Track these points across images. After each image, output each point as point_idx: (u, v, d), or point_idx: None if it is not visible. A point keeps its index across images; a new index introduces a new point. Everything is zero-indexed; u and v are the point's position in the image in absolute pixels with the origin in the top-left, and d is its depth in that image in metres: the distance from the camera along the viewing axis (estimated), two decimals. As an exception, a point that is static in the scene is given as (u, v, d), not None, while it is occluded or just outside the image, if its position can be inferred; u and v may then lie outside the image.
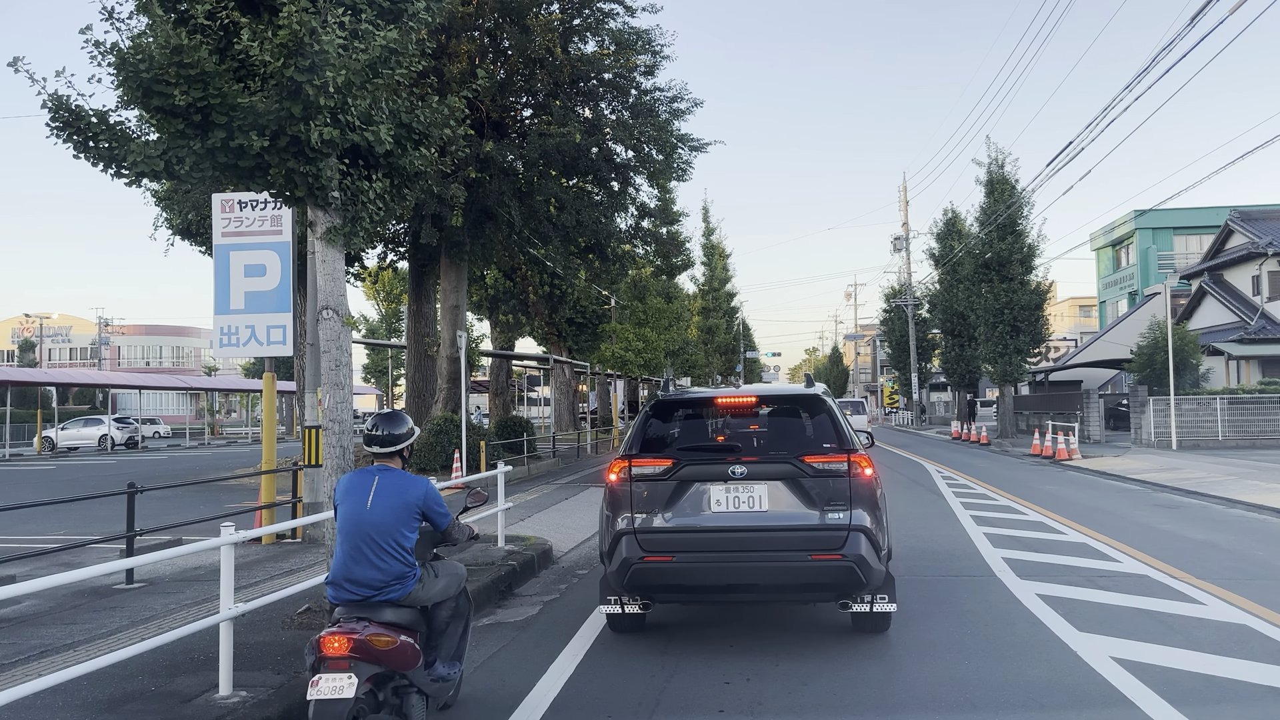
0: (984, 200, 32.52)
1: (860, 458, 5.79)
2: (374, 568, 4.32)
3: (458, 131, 7.11)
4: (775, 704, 4.98)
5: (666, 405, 6.43)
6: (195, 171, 6.14)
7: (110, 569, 4.56)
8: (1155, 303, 36.31)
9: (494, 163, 18.67)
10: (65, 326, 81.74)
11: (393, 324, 54.16)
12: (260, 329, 10.82)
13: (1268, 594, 7.30)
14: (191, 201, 18.42)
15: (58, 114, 5.91)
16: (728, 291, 67.62)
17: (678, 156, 21.25)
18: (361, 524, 4.36)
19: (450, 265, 21.71)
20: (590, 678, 5.58)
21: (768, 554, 5.67)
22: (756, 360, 79.72)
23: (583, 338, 35.96)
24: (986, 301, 31.62)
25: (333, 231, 6.60)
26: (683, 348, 47.86)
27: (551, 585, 8.61)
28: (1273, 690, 5.03)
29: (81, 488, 19.60)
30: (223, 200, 10.83)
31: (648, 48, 20.50)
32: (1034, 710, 4.81)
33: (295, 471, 11.49)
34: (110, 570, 4.58)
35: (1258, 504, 12.99)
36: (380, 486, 4.46)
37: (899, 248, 51.51)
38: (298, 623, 6.49)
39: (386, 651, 4.04)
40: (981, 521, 11.81)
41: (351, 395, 6.97)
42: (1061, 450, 22.55)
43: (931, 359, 51.21)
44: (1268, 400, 25.82)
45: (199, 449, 39.88)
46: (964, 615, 6.83)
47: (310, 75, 5.78)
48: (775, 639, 6.29)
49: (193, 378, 64.96)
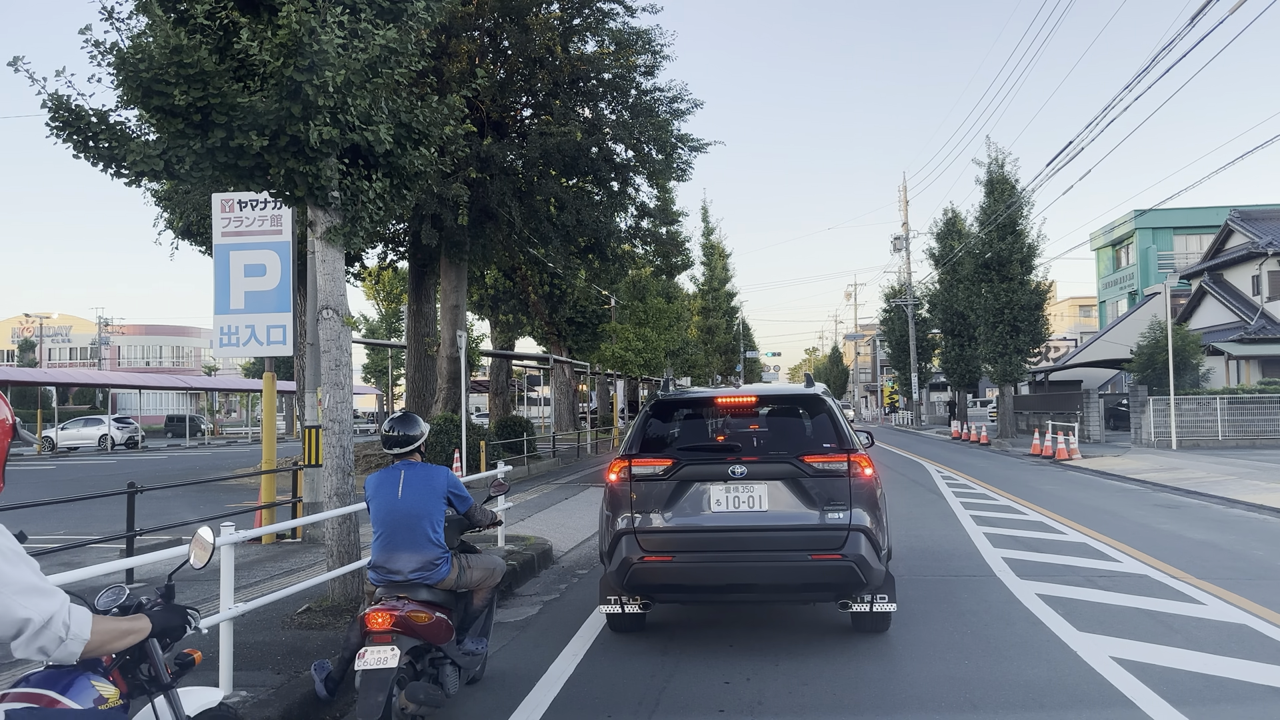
0: (984, 200, 32.51)
1: (860, 458, 5.78)
2: (410, 550, 4.71)
3: (458, 130, 7.11)
4: (775, 704, 4.97)
5: (666, 405, 6.44)
6: (195, 171, 6.14)
7: (110, 569, 4.56)
8: (1155, 303, 36.30)
9: (494, 162, 18.67)
10: (65, 326, 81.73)
11: (393, 324, 54.15)
12: (260, 329, 10.82)
13: (1268, 594, 7.30)
14: (192, 202, 18.42)
15: (58, 114, 5.92)
16: (728, 291, 67.60)
17: (678, 156, 21.25)
18: (395, 512, 4.78)
19: (450, 265, 21.71)
20: (590, 677, 5.58)
21: (767, 554, 5.66)
22: (756, 360, 79.71)
23: (583, 338, 35.96)
24: (986, 301, 31.62)
25: (333, 231, 6.60)
26: (683, 348, 47.85)
27: (551, 585, 8.61)
28: (1273, 690, 5.03)
29: (81, 488, 19.60)
30: (223, 200, 10.83)
31: (648, 48, 20.51)
32: (1034, 710, 4.81)
33: (295, 471, 11.48)
34: (110, 570, 4.57)
35: (1258, 504, 12.99)
36: (408, 478, 4.88)
37: (899, 248, 51.53)
38: (298, 622, 6.49)
39: (424, 626, 4.45)
40: (981, 521, 11.80)
41: (351, 395, 6.97)
42: (1061, 450, 22.55)
43: (931, 359, 51.21)
44: (1268, 400, 25.82)
45: (199, 449, 39.88)
46: (964, 615, 6.83)
47: (310, 75, 5.78)
48: (775, 639, 6.29)
49: (193, 378, 64.98)
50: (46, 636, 2.16)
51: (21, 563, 2.17)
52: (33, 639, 2.15)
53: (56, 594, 2.22)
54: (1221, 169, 23.08)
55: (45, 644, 2.17)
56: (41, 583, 2.19)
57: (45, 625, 2.15)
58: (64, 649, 2.20)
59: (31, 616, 2.13)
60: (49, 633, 2.16)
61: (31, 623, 2.14)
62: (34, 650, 2.17)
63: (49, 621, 2.16)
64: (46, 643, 2.16)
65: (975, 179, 34.20)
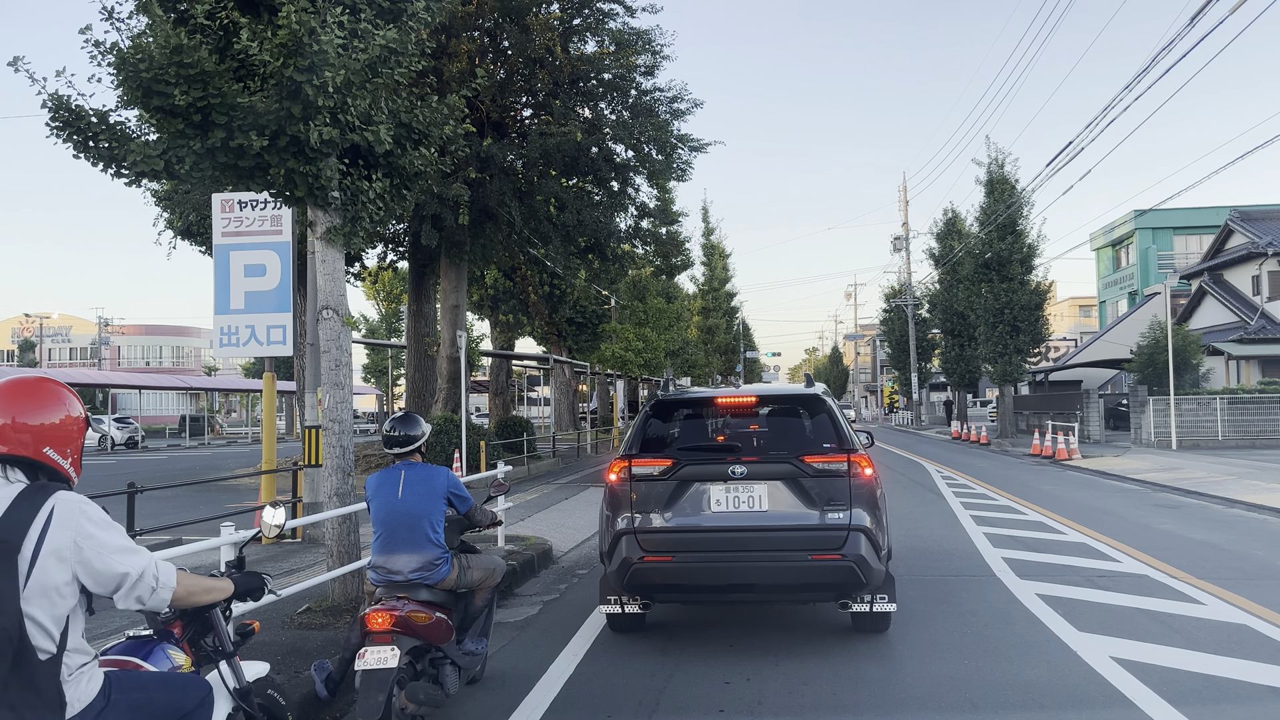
0: (984, 200, 32.50)
1: (860, 457, 5.78)
2: (410, 550, 4.73)
3: (458, 130, 7.11)
4: (775, 704, 4.97)
5: (666, 405, 6.44)
6: (195, 171, 6.14)
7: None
8: (1155, 303, 36.30)
9: (494, 162, 18.67)
10: (65, 326, 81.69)
11: (393, 324, 54.15)
12: (260, 329, 10.82)
13: (1268, 594, 7.30)
14: (192, 202, 18.42)
15: (58, 114, 5.91)
16: (728, 291, 67.58)
17: (678, 156, 21.25)
18: (395, 512, 4.79)
19: (450, 265, 21.71)
20: (590, 678, 5.58)
21: (767, 554, 5.66)
22: (756, 360, 79.70)
23: (583, 338, 35.95)
24: (986, 301, 31.61)
25: (333, 231, 6.60)
26: (683, 348, 47.84)
27: (551, 585, 8.61)
28: (1273, 690, 5.03)
29: (81, 487, 19.39)
30: (223, 200, 10.83)
31: (647, 48, 20.50)
32: (1034, 710, 4.81)
33: (295, 471, 11.49)
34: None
35: (1258, 504, 12.99)
36: (408, 478, 4.89)
37: (899, 248, 51.52)
38: (298, 622, 6.49)
39: (424, 626, 4.46)
40: (981, 521, 11.80)
41: (351, 395, 6.97)
42: (1061, 450, 22.55)
43: (931, 359, 51.20)
44: (1268, 400, 25.82)
45: (199, 449, 39.88)
46: (964, 615, 6.83)
47: (310, 75, 5.77)
48: (775, 639, 6.29)
49: (193, 378, 64.95)
50: (141, 587, 2.55)
51: (111, 528, 2.52)
52: (130, 590, 2.53)
53: (144, 552, 2.61)
54: (1221, 169, 23.12)
55: (141, 593, 2.56)
56: (130, 543, 2.57)
57: (140, 578, 2.54)
58: (156, 597, 2.60)
59: (128, 571, 2.51)
60: (143, 584, 2.55)
61: (129, 576, 2.51)
62: (132, 600, 2.56)
63: (142, 574, 2.55)
64: (142, 592, 2.56)
65: (975, 179, 34.23)
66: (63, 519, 2.39)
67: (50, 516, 2.38)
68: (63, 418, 2.56)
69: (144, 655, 2.81)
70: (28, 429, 2.47)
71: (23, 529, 2.34)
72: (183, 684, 2.77)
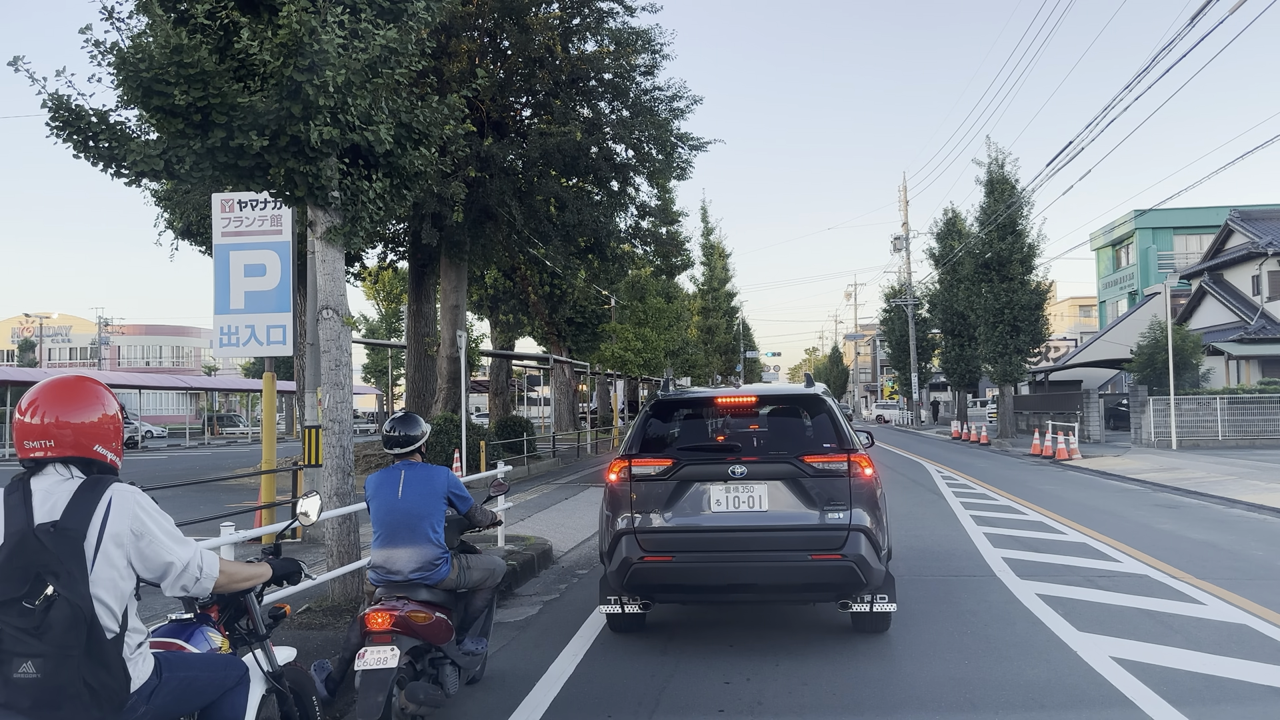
0: (984, 200, 32.50)
1: (860, 457, 5.78)
2: (410, 551, 4.73)
3: (458, 130, 7.11)
4: (775, 704, 4.97)
5: (666, 405, 6.44)
6: (195, 171, 6.14)
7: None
8: (1155, 303, 36.29)
9: (494, 162, 18.66)
10: (65, 326, 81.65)
11: (393, 324, 54.12)
12: (260, 329, 10.82)
13: (1268, 594, 7.30)
14: (192, 202, 18.42)
15: (58, 114, 5.91)
16: (727, 291, 67.57)
17: (677, 156, 21.24)
18: (395, 512, 4.80)
19: (450, 265, 21.71)
20: (590, 678, 5.58)
21: (767, 554, 5.66)
22: (756, 360, 79.70)
23: (583, 338, 35.93)
24: (986, 301, 31.61)
25: (333, 231, 6.59)
26: (683, 348, 47.83)
27: (551, 585, 8.61)
28: (1273, 690, 5.03)
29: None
30: (223, 200, 10.83)
31: (647, 47, 20.50)
32: (1034, 710, 4.81)
33: (295, 471, 11.48)
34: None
35: (1258, 504, 12.99)
36: (408, 478, 4.90)
37: (899, 247, 51.52)
38: (297, 623, 6.48)
39: (424, 626, 4.47)
40: (981, 521, 11.80)
41: (351, 395, 6.97)
42: (1061, 450, 22.54)
43: (931, 359, 51.20)
44: (1268, 400, 25.81)
45: (199, 449, 39.87)
46: (964, 615, 6.83)
47: (310, 75, 5.77)
48: (775, 639, 6.29)
49: (193, 378, 64.92)
50: (186, 576, 2.74)
51: (161, 518, 2.69)
52: (177, 579, 2.72)
53: (190, 542, 2.79)
54: (1222, 169, 23.17)
55: (186, 582, 2.75)
56: (179, 533, 2.75)
57: (185, 567, 2.72)
58: (200, 585, 2.80)
59: (174, 561, 2.69)
60: (188, 573, 2.74)
61: (174, 566, 2.70)
62: (178, 588, 2.75)
63: (187, 565, 2.73)
64: (187, 581, 2.75)
65: (975, 179, 34.21)
66: (120, 508, 2.58)
67: (109, 506, 2.56)
68: (101, 415, 2.69)
69: (186, 637, 3.02)
70: (70, 426, 2.62)
71: (86, 518, 2.52)
72: (223, 664, 2.98)
